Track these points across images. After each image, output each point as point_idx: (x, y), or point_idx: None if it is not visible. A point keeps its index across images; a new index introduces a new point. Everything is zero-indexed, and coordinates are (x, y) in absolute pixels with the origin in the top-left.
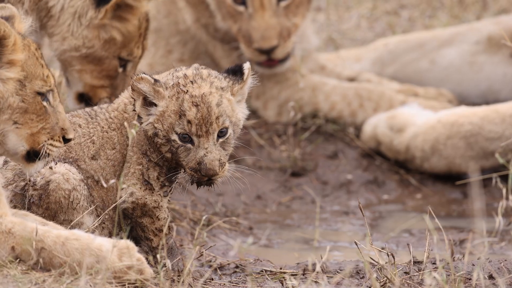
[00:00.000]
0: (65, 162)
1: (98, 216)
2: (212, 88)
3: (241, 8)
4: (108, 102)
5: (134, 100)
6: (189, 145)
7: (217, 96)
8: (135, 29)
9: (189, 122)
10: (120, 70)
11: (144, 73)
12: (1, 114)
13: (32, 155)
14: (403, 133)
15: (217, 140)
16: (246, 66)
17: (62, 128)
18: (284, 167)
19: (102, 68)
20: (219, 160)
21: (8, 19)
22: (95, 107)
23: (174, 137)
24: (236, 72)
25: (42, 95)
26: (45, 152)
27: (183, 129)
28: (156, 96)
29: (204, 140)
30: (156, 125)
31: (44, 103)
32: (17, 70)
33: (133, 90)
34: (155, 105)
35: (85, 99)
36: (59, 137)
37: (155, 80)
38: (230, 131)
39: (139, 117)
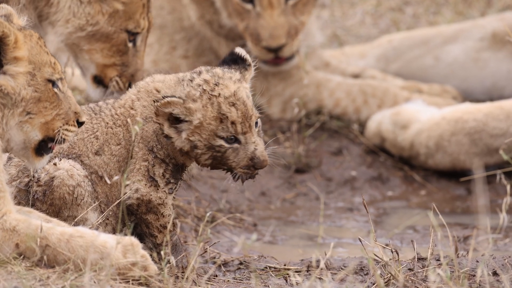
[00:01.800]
0: (68, 158)
1: (102, 212)
2: (236, 83)
3: (248, 6)
4: (118, 81)
5: (160, 124)
6: (236, 145)
7: (243, 89)
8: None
9: (233, 123)
10: (130, 45)
11: (168, 96)
12: (15, 108)
13: (41, 148)
14: (408, 129)
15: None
16: (241, 51)
17: (75, 112)
18: (288, 163)
19: (112, 44)
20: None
21: (4, 17)
22: (100, 103)
23: (220, 142)
24: (235, 61)
25: (52, 82)
26: (61, 137)
27: (228, 132)
28: (188, 113)
29: (250, 135)
30: (192, 138)
31: (55, 90)
32: (24, 64)
33: (158, 115)
34: (184, 121)
35: (99, 81)
36: (73, 121)
37: (183, 99)
38: (259, 120)
39: (169, 137)
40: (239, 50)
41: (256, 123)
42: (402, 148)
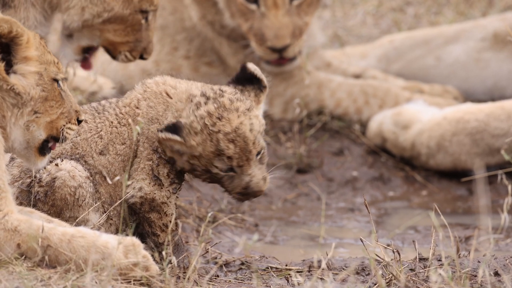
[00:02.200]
0: (71, 159)
1: (104, 212)
2: (240, 117)
3: (253, 7)
4: (127, 54)
5: (163, 149)
6: (231, 173)
7: (247, 123)
8: None
9: (229, 157)
10: (143, 22)
11: (170, 132)
12: (24, 108)
13: (44, 148)
14: (409, 129)
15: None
16: (254, 68)
17: (75, 111)
18: (289, 164)
19: (126, 25)
20: (263, 178)
21: None
22: (103, 101)
23: (216, 170)
24: (250, 78)
25: (57, 81)
26: (64, 136)
27: (224, 164)
28: (188, 149)
29: (246, 168)
30: (192, 161)
31: (59, 89)
32: (35, 64)
33: (160, 143)
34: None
35: (88, 51)
36: (74, 119)
37: (182, 136)
38: (264, 144)
39: (173, 159)
40: (253, 68)
41: (260, 152)
42: (403, 148)
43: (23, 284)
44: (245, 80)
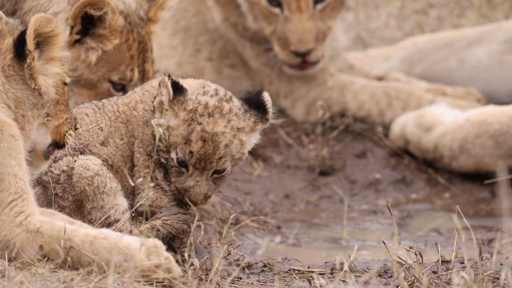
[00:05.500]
0: (76, 149)
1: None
2: (227, 128)
3: (276, 11)
4: None
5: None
6: (183, 169)
7: (229, 137)
8: (119, 49)
9: (191, 152)
10: (120, 94)
11: (173, 80)
12: (42, 109)
13: (48, 152)
14: (432, 132)
15: (211, 175)
16: (267, 99)
17: (74, 118)
18: (312, 166)
19: (96, 92)
20: (205, 194)
21: None
22: (103, 100)
23: (173, 155)
24: (257, 103)
25: (65, 85)
26: (65, 142)
27: (183, 156)
28: (170, 110)
29: (197, 174)
30: (164, 131)
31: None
32: (58, 65)
33: (159, 86)
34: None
35: None
36: (74, 126)
37: (175, 96)
38: (228, 169)
39: (153, 111)
40: (266, 98)
41: (220, 172)
42: (426, 150)
43: (46, 285)
44: (254, 104)
